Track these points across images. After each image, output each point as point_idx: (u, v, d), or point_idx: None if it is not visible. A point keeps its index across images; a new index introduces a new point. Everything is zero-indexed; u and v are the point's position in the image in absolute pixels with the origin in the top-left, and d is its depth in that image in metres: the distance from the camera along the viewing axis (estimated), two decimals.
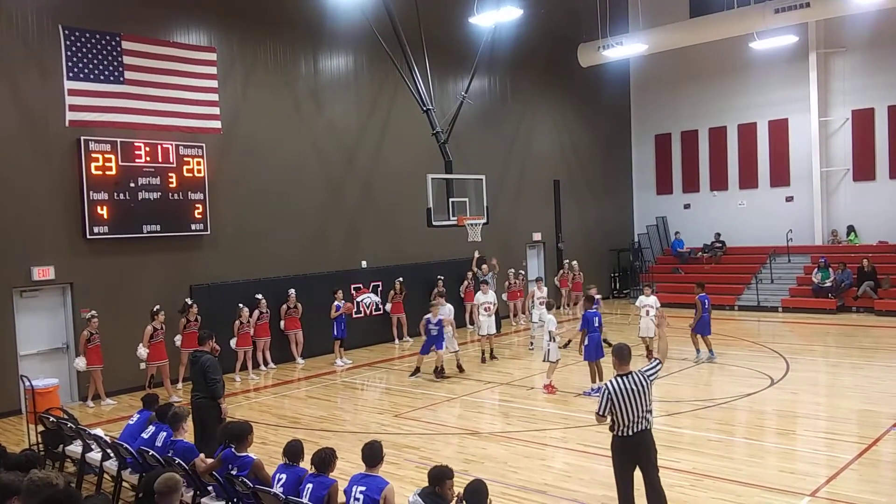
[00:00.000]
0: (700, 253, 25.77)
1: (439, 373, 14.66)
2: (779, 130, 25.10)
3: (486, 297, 16.63)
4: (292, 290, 16.84)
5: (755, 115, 25.49)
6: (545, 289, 17.81)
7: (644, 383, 6.68)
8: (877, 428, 10.15)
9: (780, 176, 25.17)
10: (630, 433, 6.66)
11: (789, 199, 25.01)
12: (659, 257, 26.98)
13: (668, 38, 23.37)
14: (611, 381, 6.73)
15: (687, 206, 27.36)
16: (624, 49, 22.89)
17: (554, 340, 13.01)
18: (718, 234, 25.76)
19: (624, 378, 6.69)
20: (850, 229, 23.71)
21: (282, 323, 16.68)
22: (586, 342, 12.81)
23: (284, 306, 16.70)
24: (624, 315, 22.80)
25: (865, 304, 21.01)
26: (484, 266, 20.20)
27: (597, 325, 12.96)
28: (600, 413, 6.71)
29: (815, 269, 22.15)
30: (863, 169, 23.55)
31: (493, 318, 16.60)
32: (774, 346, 16.27)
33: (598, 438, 10.17)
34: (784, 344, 16.66)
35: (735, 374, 14.02)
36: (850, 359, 15.24)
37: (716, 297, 22.95)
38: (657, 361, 6.96)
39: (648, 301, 15.10)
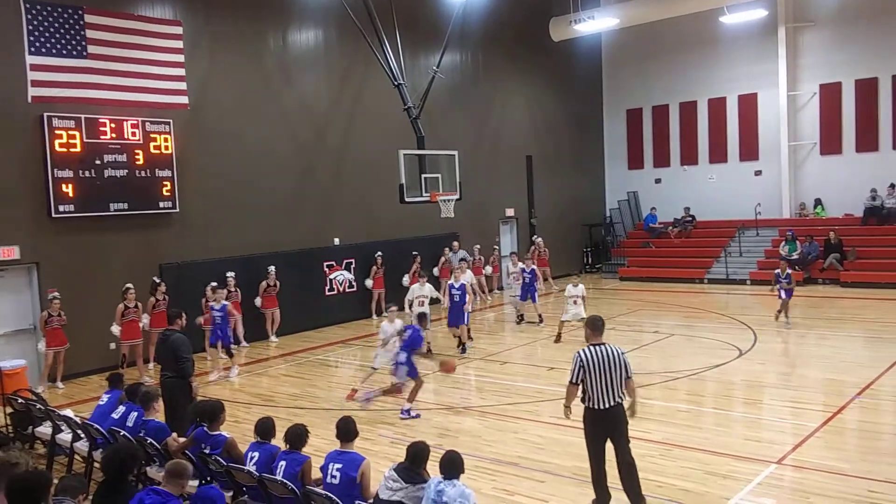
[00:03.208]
0: (670, 227, 26.01)
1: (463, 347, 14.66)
2: (748, 105, 25.30)
3: (463, 277, 16.38)
4: (272, 267, 16.70)
5: (725, 90, 25.66)
6: (520, 264, 17.84)
7: (616, 357, 6.72)
8: (841, 397, 10.39)
9: (749, 150, 25.42)
10: (601, 406, 6.71)
11: (758, 173, 25.30)
12: (630, 232, 27.19)
13: (640, 13, 23.34)
14: (582, 350, 6.79)
15: (658, 181, 27.55)
16: (595, 23, 22.86)
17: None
18: (688, 209, 25.99)
19: (596, 347, 6.75)
20: (817, 202, 24.08)
21: (258, 300, 16.53)
22: None
23: (264, 283, 16.55)
24: (597, 290, 23.00)
25: (832, 275, 21.41)
26: (455, 243, 20.15)
27: None
28: (572, 381, 6.79)
29: (783, 242, 22.49)
30: (830, 143, 23.86)
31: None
32: (743, 318, 16.53)
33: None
34: (752, 316, 16.93)
35: (704, 345, 14.24)
36: (816, 330, 15.54)
37: (685, 271, 23.38)
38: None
39: (576, 291, 15.17)
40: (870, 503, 6.96)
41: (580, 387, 6.81)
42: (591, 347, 6.77)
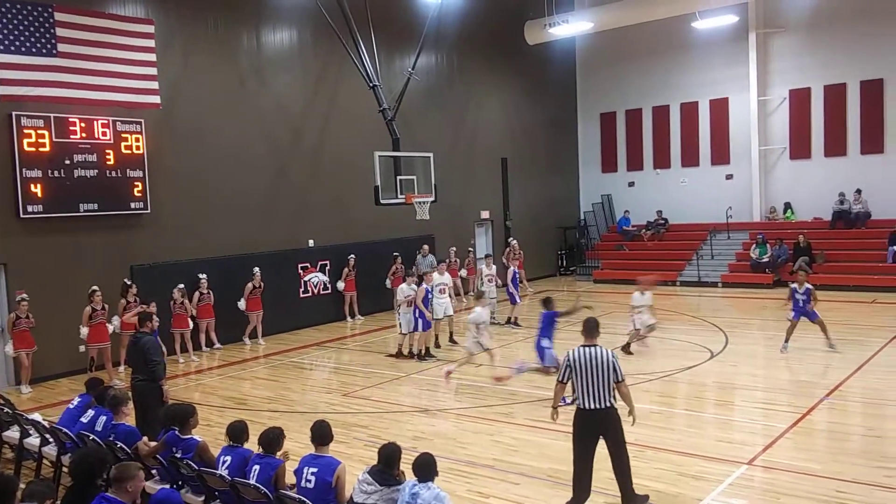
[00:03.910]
0: (643, 230, 26.24)
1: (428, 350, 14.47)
2: (720, 109, 25.62)
3: (441, 279, 15.97)
4: (257, 269, 16.54)
5: (697, 94, 25.96)
6: (493, 266, 17.88)
7: (604, 359, 6.71)
8: (811, 398, 10.54)
9: (721, 154, 25.74)
10: (587, 406, 6.73)
11: (729, 177, 25.62)
12: (604, 234, 27.39)
13: (614, 17, 23.54)
14: (572, 350, 6.86)
15: (631, 184, 27.79)
16: (570, 27, 23.02)
17: (481, 333, 12.55)
18: (661, 212, 26.25)
19: (586, 349, 6.81)
20: (787, 206, 24.43)
21: (242, 303, 16.31)
22: None
23: (249, 285, 16.35)
24: (571, 292, 23.12)
25: None
26: (425, 247, 20.00)
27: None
28: (559, 379, 6.95)
29: (753, 245, 22.79)
30: (799, 147, 24.24)
31: (449, 299, 15.84)
32: (714, 321, 16.71)
33: (545, 413, 10.32)
34: (723, 318, 17.14)
35: (676, 347, 14.38)
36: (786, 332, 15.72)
37: (658, 274, 23.45)
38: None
39: (643, 300, 14.81)
40: (838, 503, 7.07)
41: (567, 386, 6.88)
42: (581, 348, 6.83)
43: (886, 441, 8.93)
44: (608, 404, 6.74)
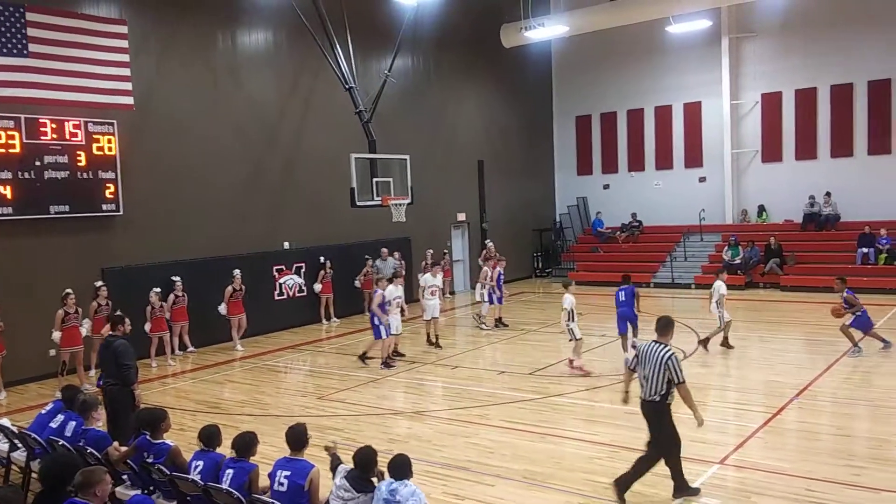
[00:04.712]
0: (618, 232, 26.44)
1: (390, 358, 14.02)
2: (693, 113, 25.91)
3: (434, 280, 15.91)
4: (237, 271, 16.29)
5: (671, 98, 26.23)
6: (497, 268, 17.71)
7: (659, 358, 7.10)
8: (782, 398, 10.69)
9: (694, 157, 26.03)
10: (642, 397, 7.33)
11: (702, 179, 25.91)
12: (580, 236, 27.56)
13: (589, 21, 23.72)
14: (644, 343, 7.47)
15: (606, 187, 27.99)
16: (545, 31, 23.13)
17: (573, 320, 12.70)
18: (635, 214, 26.47)
19: (653, 344, 7.29)
20: (762, 209, 24.74)
21: (223, 307, 16.06)
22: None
23: (230, 288, 16.12)
24: (546, 294, 23.22)
25: (772, 279, 22.06)
26: (384, 250, 19.93)
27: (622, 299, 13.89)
28: (629, 366, 7.73)
29: (726, 247, 23.07)
30: (771, 150, 24.58)
31: (438, 301, 15.90)
32: (687, 322, 16.87)
33: (520, 414, 10.40)
34: (696, 319, 17.29)
35: None
36: (757, 332, 15.96)
37: (632, 276, 23.59)
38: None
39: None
40: (809, 502, 7.18)
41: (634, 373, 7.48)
42: (650, 343, 7.33)
43: (855, 440, 9.09)
44: (650, 398, 7.21)
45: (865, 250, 21.13)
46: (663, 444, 7.22)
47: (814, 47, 23.37)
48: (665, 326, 7.41)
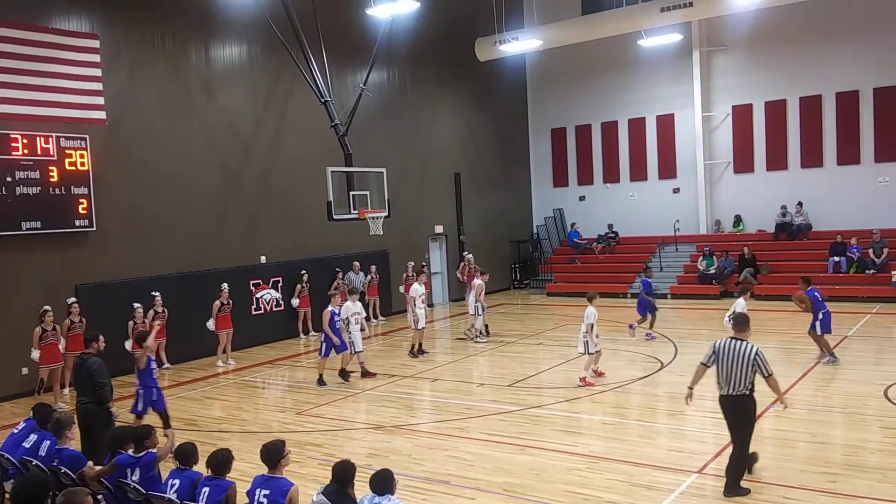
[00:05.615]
0: (594, 244, 26.61)
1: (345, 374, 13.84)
2: (666, 125, 26.22)
3: (422, 290, 16.00)
4: (225, 285, 16.18)
5: (644, 111, 26.53)
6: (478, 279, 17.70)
7: (744, 354, 7.42)
8: (758, 406, 10.75)
9: (668, 169, 26.31)
10: (720, 392, 7.61)
11: (676, 190, 26.19)
12: (557, 248, 27.68)
13: (562, 35, 23.96)
14: (720, 339, 7.69)
15: (582, 199, 28.19)
16: (519, 44, 23.32)
17: (593, 333, 12.55)
18: (611, 226, 26.66)
19: (732, 341, 7.59)
20: (738, 219, 24.99)
21: (211, 323, 15.87)
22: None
23: (217, 303, 15.96)
24: (525, 305, 23.27)
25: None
26: (356, 263, 19.88)
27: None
28: (703, 362, 7.82)
29: (700, 258, 23.32)
30: (742, 161, 24.93)
31: (425, 310, 16.09)
32: (664, 331, 17.00)
33: (501, 427, 10.39)
34: (673, 329, 17.45)
35: (628, 358, 14.58)
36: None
37: (609, 286, 23.90)
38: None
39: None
40: None
41: (708, 370, 7.77)
42: (728, 340, 7.61)
43: (830, 447, 9.20)
44: (733, 392, 7.49)
45: (837, 259, 21.45)
46: (748, 435, 7.60)
47: (783, 60, 23.78)
48: (744, 323, 7.80)
